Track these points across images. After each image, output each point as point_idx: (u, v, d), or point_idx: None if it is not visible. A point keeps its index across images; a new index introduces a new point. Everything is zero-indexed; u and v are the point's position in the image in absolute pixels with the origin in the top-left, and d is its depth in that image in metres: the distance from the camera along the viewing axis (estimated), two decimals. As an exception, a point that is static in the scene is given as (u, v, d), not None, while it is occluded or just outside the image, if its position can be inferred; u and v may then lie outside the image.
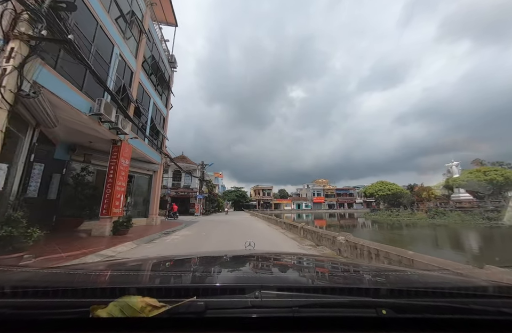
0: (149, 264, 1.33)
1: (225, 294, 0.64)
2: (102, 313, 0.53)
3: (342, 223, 27.00)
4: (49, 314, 0.56)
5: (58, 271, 0.99)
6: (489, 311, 0.62)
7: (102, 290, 0.65)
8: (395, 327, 0.58)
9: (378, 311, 0.58)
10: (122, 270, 1.11)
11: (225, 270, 1.17)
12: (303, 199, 71.52)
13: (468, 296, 0.71)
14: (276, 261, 1.51)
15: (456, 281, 1.03)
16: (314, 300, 0.62)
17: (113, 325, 0.55)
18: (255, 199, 70.00)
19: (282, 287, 0.73)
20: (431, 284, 0.93)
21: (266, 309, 0.58)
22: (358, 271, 1.23)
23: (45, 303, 0.58)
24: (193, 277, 0.96)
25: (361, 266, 1.47)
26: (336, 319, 0.58)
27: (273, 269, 1.29)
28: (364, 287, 0.77)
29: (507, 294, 0.72)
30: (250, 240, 1.89)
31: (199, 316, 0.55)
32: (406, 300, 0.65)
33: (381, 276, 1.05)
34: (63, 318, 0.56)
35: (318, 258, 2.02)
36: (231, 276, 1.00)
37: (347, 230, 16.06)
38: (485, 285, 0.88)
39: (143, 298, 0.56)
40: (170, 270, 1.19)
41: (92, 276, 0.95)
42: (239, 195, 65.59)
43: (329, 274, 1.14)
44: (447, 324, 0.60)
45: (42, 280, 0.82)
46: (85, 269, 1.10)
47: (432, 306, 0.63)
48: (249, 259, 1.46)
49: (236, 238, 7.92)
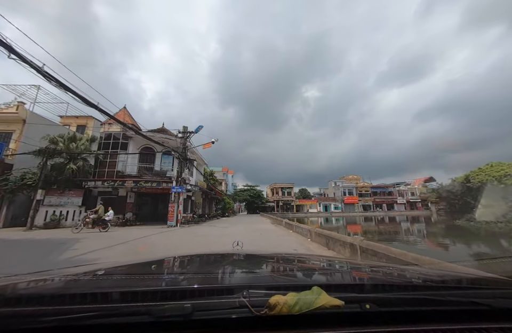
0: (134, 267, 1.28)
1: (212, 295, 0.64)
2: (281, 303, 0.55)
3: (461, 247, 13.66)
4: (34, 322, 0.53)
5: (39, 279, 0.96)
6: (463, 302, 0.67)
7: (82, 296, 0.63)
8: (378, 321, 0.60)
9: (362, 306, 0.59)
10: (106, 274, 1.08)
11: (213, 271, 1.17)
12: (331, 200, 58.58)
13: (445, 289, 0.77)
14: (264, 261, 1.52)
15: (433, 275, 1.09)
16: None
17: (102, 331, 0.54)
18: (272, 199, 58.29)
19: (270, 286, 0.77)
20: (410, 278, 1.01)
21: (255, 309, 0.56)
22: (342, 268, 1.26)
23: (31, 311, 0.56)
24: (179, 279, 0.97)
25: (345, 263, 1.48)
26: (322, 316, 0.58)
27: (261, 269, 1.28)
28: (349, 284, 0.85)
29: (478, 286, 0.81)
30: (238, 240, 1.84)
31: (186, 318, 0.54)
32: (388, 294, 0.69)
33: (365, 272, 1.12)
34: (47, 326, 0.53)
35: (304, 256, 1.93)
36: (218, 277, 1.00)
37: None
38: (459, 278, 0.94)
39: (323, 295, 0.58)
40: (155, 273, 1.17)
41: (74, 282, 0.94)
42: (253, 194, 54.08)
43: (315, 272, 1.17)
44: (427, 315, 0.62)
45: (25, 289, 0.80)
46: (66, 275, 1.06)
47: (412, 299, 0.67)
48: (237, 259, 1.50)
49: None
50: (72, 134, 15.10)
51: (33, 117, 15.83)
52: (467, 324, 0.59)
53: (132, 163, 15.74)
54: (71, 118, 21.85)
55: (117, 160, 15.46)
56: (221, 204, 33.59)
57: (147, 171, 15.84)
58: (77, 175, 14.26)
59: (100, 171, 15.44)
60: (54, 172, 13.81)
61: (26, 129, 15.21)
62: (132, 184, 13.85)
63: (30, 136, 14.58)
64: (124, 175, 14.95)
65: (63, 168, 13.97)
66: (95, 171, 15.41)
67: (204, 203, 25.05)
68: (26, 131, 15.13)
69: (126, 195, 15.27)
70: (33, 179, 13.16)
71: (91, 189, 15.23)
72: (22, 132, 15.11)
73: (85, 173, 14.88)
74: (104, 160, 15.57)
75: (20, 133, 15.09)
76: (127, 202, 15.21)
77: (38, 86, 16.55)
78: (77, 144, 14.63)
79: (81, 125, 22.42)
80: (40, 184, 12.82)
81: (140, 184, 14.03)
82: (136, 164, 15.83)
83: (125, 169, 15.30)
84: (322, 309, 0.56)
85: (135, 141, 16.31)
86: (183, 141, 13.87)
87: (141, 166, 15.87)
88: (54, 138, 14.16)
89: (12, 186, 13.12)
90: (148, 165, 16.08)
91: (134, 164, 15.77)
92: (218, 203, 32.95)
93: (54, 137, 14.19)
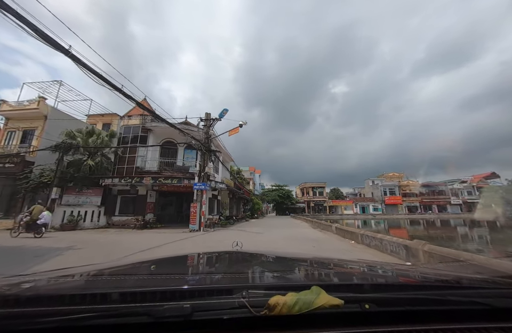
0: (134, 268, 1.27)
1: (212, 296, 0.63)
2: (280, 303, 0.54)
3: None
4: (34, 323, 0.53)
5: (39, 279, 0.95)
6: (463, 302, 0.66)
7: (81, 296, 0.62)
8: (377, 321, 0.59)
9: (362, 306, 0.59)
10: (106, 275, 1.08)
11: (212, 271, 1.18)
12: (369, 200, 52.80)
13: (445, 289, 0.76)
14: (263, 261, 1.51)
15: (433, 275, 1.06)
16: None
17: (102, 331, 0.53)
18: (303, 200, 54.52)
19: (269, 286, 0.77)
20: (410, 278, 1.01)
21: (254, 309, 0.55)
22: (342, 268, 1.25)
23: (31, 312, 0.55)
24: (179, 279, 0.94)
25: (344, 262, 1.46)
26: (321, 316, 0.58)
27: (260, 269, 1.26)
28: (348, 283, 0.82)
29: (478, 286, 0.79)
30: (237, 240, 1.77)
31: (185, 318, 0.54)
32: (387, 294, 0.69)
33: (364, 272, 1.12)
34: (47, 327, 0.52)
35: (303, 257, 1.86)
36: (218, 277, 1.01)
37: None
38: (459, 278, 0.92)
39: (323, 294, 0.57)
40: (155, 273, 1.15)
41: (73, 282, 0.93)
42: (282, 194, 50.99)
43: (314, 272, 1.15)
44: (427, 315, 0.61)
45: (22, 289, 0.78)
46: (65, 276, 1.05)
47: (412, 299, 0.66)
48: (236, 259, 1.48)
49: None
50: (90, 128, 13.98)
51: (54, 113, 15.19)
52: (467, 324, 0.59)
53: (152, 157, 14.12)
54: (96, 116, 21.49)
55: (136, 155, 13.98)
56: (249, 204, 31.27)
57: (168, 166, 14.06)
58: (94, 172, 13.02)
59: (119, 168, 14.11)
60: (71, 169, 12.70)
61: (47, 125, 14.56)
62: (150, 181, 12.10)
63: (51, 132, 13.78)
64: (142, 172, 13.35)
65: (80, 165, 12.82)
66: (114, 168, 14.11)
67: (231, 203, 22.90)
68: (48, 127, 14.46)
69: (146, 194, 13.66)
70: (49, 176, 12.15)
71: (110, 187, 13.94)
72: (43, 128, 14.48)
73: (104, 170, 13.62)
74: (123, 155, 14.21)
75: (42, 129, 14.47)
76: (147, 202, 13.58)
77: (60, 81, 16.00)
78: (95, 139, 13.42)
79: (107, 123, 21.89)
80: (55, 181, 11.71)
81: (159, 181, 12.22)
82: (157, 158, 14.16)
83: (144, 165, 13.71)
84: (322, 309, 0.56)
85: (155, 134, 14.71)
86: (206, 129, 11.67)
87: (161, 161, 14.16)
88: (71, 132, 13.12)
89: (31, 184, 12.28)
90: (169, 160, 14.32)
91: (155, 158, 14.12)
92: (246, 204, 30.69)
93: (71, 132, 13.15)
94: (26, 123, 14.82)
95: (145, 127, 14.33)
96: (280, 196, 50.57)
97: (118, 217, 13.59)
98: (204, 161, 11.34)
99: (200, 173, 11.30)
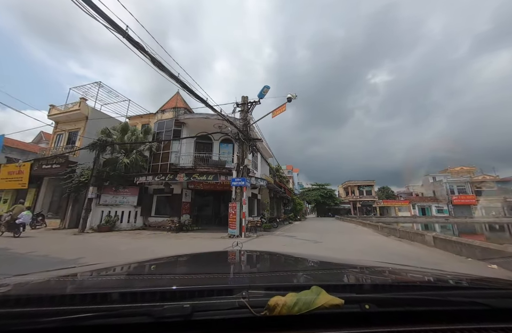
0: (133, 267, 1.25)
1: (212, 296, 0.63)
2: (279, 303, 0.54)
3: None
4: (33, 323, 0.52)
5: (38, 279, 0.93)
6: (463, 302, 0.66)
7: (81, 296, 0.62)
8: (377, 321, 0.59)
9: (362, 306, 0.58)
10: (106, 275, 1.07)
11: (212, 271, 1.14)
12: (430, 200, 44.96)
13: (445, 289, 0.76)
14: (263, 261, 1.50)
15: (433, 275, 1.05)
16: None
17: (102, 332, 0.53)
18: (347, 200, 49.32)
19: (269, 286, 0.75)
20: (410, 279, 1.01)
21: (254, 309, 0.55)
22: (342, 268, 1.22)
23: (30, 312, 0.55)
24: (179, 279, 0.94)
25: (345, 263, 1.44)
26: (321, 316, 0.57)
27: (260, 269, 1.27)
28: (348, 284, 0.82)
29: (478, 286, 0.80)
30: (237, 240, 1.79)
31: (185, 319, 0.53)
32: (388, 294, 0.68)
33: (364, 272, 1.08)
34: (46, 327, 0.52)
35: (303, 257, 1.78)
36: (218, 277, 0.98)
37: None
38: (459, 278, 0.95)
39: (323, 294, 0.57)
40: (155, 273, 1.15)
41: (73, 282, 0.91)
42: (324, 194, 46.86)
43: (314, 272, 1.14)
44: (426, 316, 0.61)
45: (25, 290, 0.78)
46: (65, 275, 1.02)
47: (412, 299, 0.65)
48: (236, 259, 1.46)
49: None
50: (123, 124, 13.48)
51: (94, 113, 15.32)
52: (467, 324, 0.58)
53: (186, 152, 12.87)
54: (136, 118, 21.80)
55: (169, 151, 12.92)
56: (290, 205, 28.68)
57: (202, 162, 12.64)
58: (130, 170, 12.34)
59: (154, 165, 13.24)
60: (107, 168, 12.22)
61: (88, 125, 14.66)
62: (183, 178, 10.73)
63: (91, 132, 13.77)
64: (176, 168, 12.15)
65: (115, 163, 12.27)
66: (149, 166, 13.32)
67: (271, 204, 20.75)
68: (88, 127, 14.54)
69: (181, 193, 12.45)
70: (87, 175, 11.81)
71: (146, 186, 13.17)
72: (84, 129, 14.62)
73: (139, 168, 12.91)
74: (157, 152, 13.32)
75: (83, 130, 14.62)
76: (182, 201, 12.34)
77: (99, 82, 16.18)
78: (130, 135, 12.81)
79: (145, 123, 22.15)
80: (91, 180, 11.24)
81: (193, 177, 10.78)
82: (192, 153, 12.86)
83: (178, 161, 12.52)
84: (322, 309, 0.55)
85: (188, 128, 13.50)
86: (244, 114, 9.76)
87: (196, 156, 12.81)
88: (106, 129, 12.72)
89: (73, 184, 12.16)
90: (204, 154, 12.90)
91: (189, 153, 12.85)
92: (287, 204, 28.20)
93: (106, 129, 12.75)
94: (71, 125, 15.21)
95: (178, 121, 13.22)
96: (322, 195, 46.51)
97: (154, 218, 12.68)
98: (242, 152, 9.43)
99: (238, 166, 9.42)
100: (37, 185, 14.22)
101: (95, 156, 11.68)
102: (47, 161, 13.53)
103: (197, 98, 6.41)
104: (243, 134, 9.37)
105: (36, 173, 13.67)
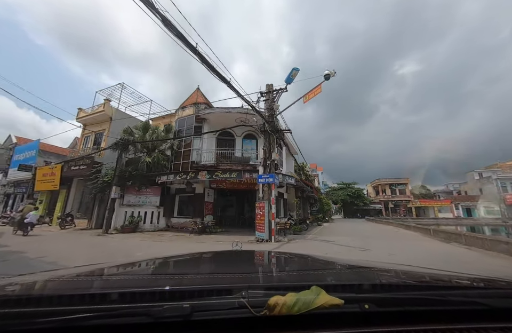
0: (133, 267, 1.24)
1: (211, 296, 0.63)
2: (279, 303, 0.53)
3: None
4: (33, 323, 0.52)
5: (38, 279, 0.94)
6: (465, 302, 0.65)
7: (80, 296, 0.61)
8: (377, 321, 0.59)
9: (362, 306, 0.58)
10: (105, 275, 1.06)
11: (212, 271, 1.17)
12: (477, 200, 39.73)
13: (445, 289, 0.75)
14: (263, 261, 1.49)
15: (433, 275, 1.04)
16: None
17: (101, 332, 0.53)
18: (378, 200, 45.72)
19: (269, 286, 0.76)
20: (410, 278, 1.00)
21: (254, 309, 0.55)
22: (342, 268, 1.23)
23: (30, 312, 0.55)
24: (178, 279, 0.93)
25: (344, 263, 1.43)
26: (321, 316, 0.57)
27: (260, 269, 1.26)
28: (348, 283, 0.79)
29: (478, 286, 0.78)
30: (237, 241, 1.75)
31: (185, 319, 0.53)
32: (387, 294, 0.68)
33: (364, 272, 1.08)
34: (46, 327, 0.52)
35: (303, 256, 1.78)
36: (217, 277, 0.99)
37: None
38: (459, 278, 0.93)
39: (322, 294, 0.56)
40: (154, 273, 1.15)
41: (73, 282, 0.89)
42: (352, 193, 43.98)
43: (314, 272, 1.13)
44: (426, 315, 0.61)
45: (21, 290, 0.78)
46: (65, 275, 1.02)
47: (411, 299, 0.65)
48: (236, 259, 1.44)
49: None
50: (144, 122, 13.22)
51: (118, 114, 15.40)
52: (467, 324, 0.58)
53: (208, 149, 12.17)
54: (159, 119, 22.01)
55: (191, 148, 12.33)
56: (317, 205, 26.92)
57: (225, 159, 11.83)
58: (152, 170, 11.97)
59: (175, 164, 12.77)
60: (129, 167, 11.97)
61: (112, 126, 14.74)
62: (205, 176, 9.98)
63: (115, 132, 13.78)
64: (198, 166, 11.48)
65: (137, 162, 11.98)
66: (170, 165, 12.87)
67: (298, 204, 19.37)
68: (112, 128, 14.60)
69: (203, 192, 11.76)
70: (110, 175, 11.65)
71: (168, 186, 12.73)
72: (109, 129, 14.70)
73: (161, 167, 12.51)
74: (179, 150, 12.83)
75: (108, 131, 14.72)
76: (205, 201, 11.64)
77: (122, 83, 16.30)
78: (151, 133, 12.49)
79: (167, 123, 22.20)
80: (114, 180, 11.01)
81: (216, 175, 9.99)
82: (213, 149, 12.13)
83: (200, 159, 11.86)
84: (321, 309, 0.55)
85: (209, 124, 12.81)
86: (270, 103, 8.69)
87: (218, 153, 12.06)
88: (128, 128, 12.51)
89: (98, 184, 12.12)
90: (226, 151, 12.10)
91: (211, 150, 12.14)
92: (313, 204, 26.51)
93: (128, 128, 12.55)
94: (97, 126, 15.46)
95: (199, 117, 12.59)
96: (350, 195, 43.66)
97: (177, 219, 12.16)
98: (269, 145, 8.36)
99: (265, 161, 8.37)
100: (67, 187, 14.60)
101: (118, 156, 11.48)
102: (75, 162, 13.77)
103: (218, 76, 5.50)
104: (270, 125, 8.31)
105: (66, 175, 14.00)
